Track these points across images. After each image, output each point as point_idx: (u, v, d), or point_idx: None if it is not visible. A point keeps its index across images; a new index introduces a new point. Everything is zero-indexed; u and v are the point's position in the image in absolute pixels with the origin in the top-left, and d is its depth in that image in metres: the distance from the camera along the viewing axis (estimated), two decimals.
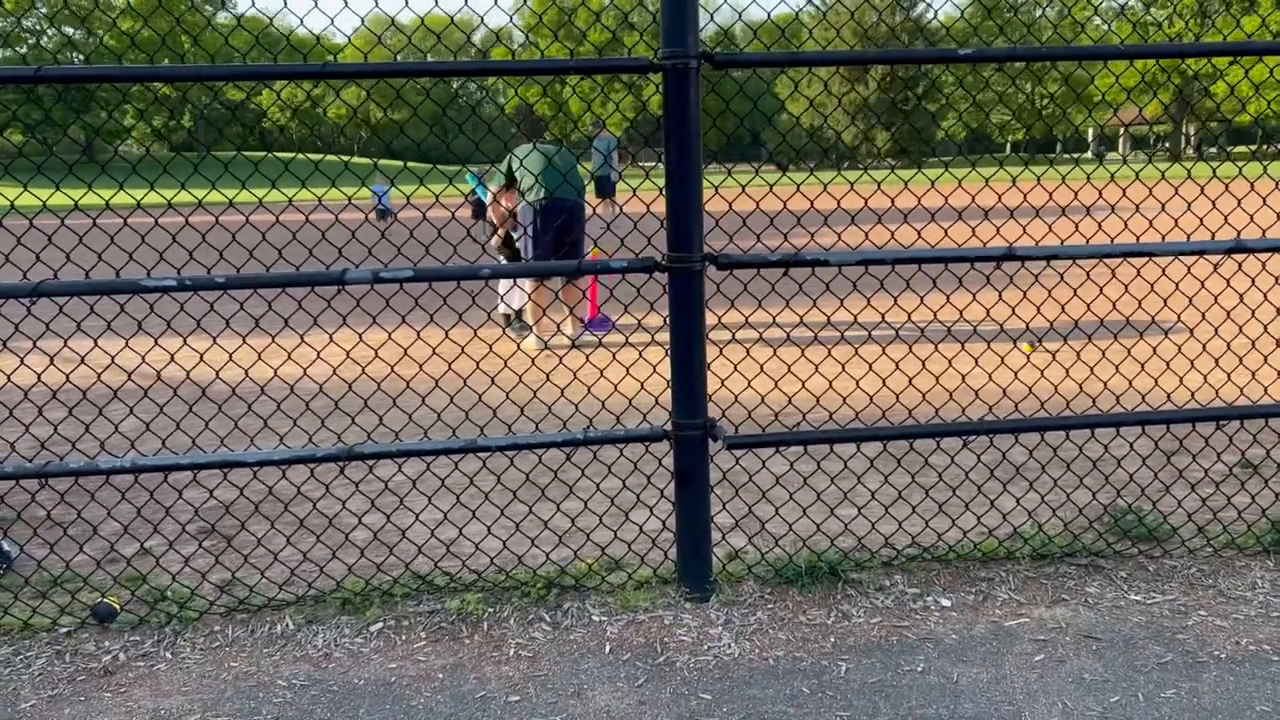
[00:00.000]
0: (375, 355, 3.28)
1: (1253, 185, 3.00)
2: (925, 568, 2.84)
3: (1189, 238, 2.96)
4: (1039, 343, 6.06)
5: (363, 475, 3.81)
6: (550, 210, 6.27)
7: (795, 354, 5.83)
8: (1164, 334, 6.32)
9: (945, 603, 2.63)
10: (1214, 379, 4.79)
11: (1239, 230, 3.22)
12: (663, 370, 2.94)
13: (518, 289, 7.01)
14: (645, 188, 2.72)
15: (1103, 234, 3.45)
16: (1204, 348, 3.51)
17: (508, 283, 7.09)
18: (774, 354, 5.72)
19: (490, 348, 3.07)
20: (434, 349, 3.25)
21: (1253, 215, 3.19)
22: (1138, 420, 2.77)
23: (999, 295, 3.68)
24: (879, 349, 5.80)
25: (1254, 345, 3.64)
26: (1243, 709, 2.10)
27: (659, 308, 2.97)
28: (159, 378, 3.24)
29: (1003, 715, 2.10)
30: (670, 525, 2.85)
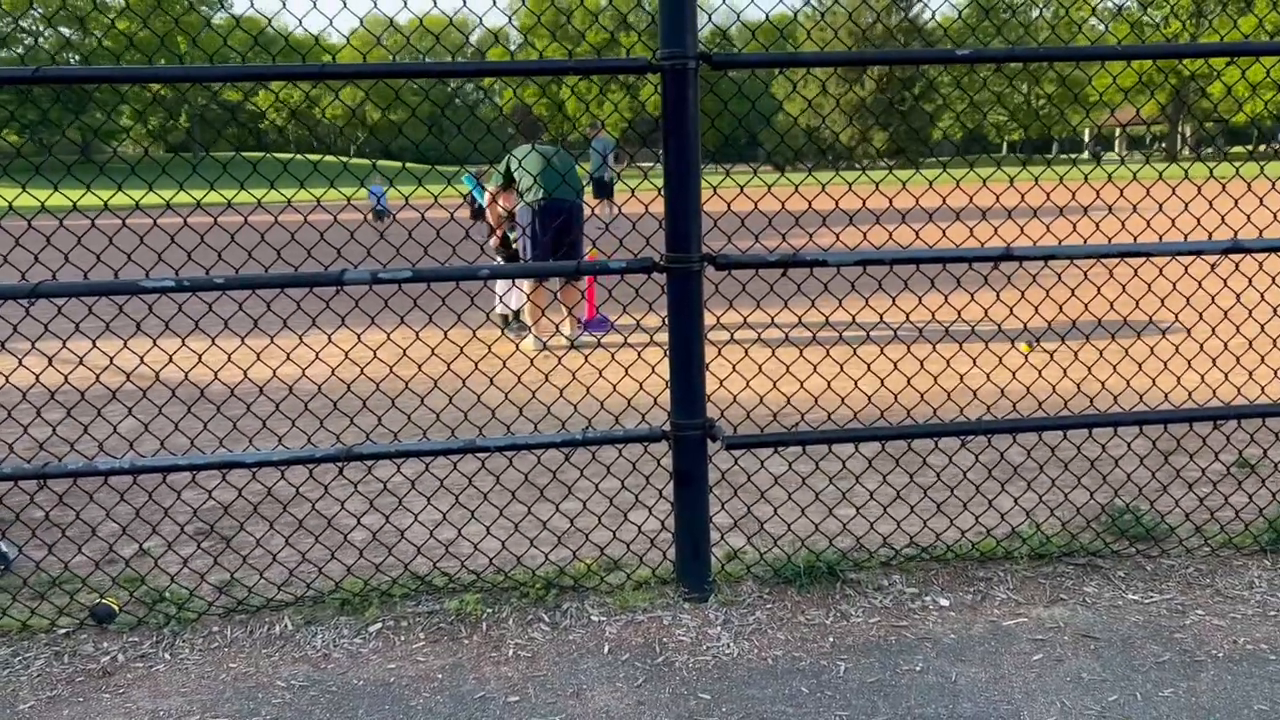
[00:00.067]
0: (374, 356, 3.28)
1: (1249, 185, 3.01)
2: (923, 567, 2.85)
3: (1186, 238, 2.97)
4: (1036, 343, 6.07)
5: (361, 476, 3.81)
6: (549, 211, 6.28)
7: (793, 354, 5.84)
8: (1161, 334, 6.33)
9: (943, 602, 2.63)
10: (1211, 379, 4.80)
11: (1236, 230, 3.23)
12: (661, 371, 2.94)
13: (516, 289, 7.01)
14: (644, 188, 2.72)
15: (1100, 234, 3.45)
16: (1201, 347, 3.52)
17: (506, 283, 7.09)
18: (772, 354, 5.73)
19: (489, 348, 3.07)
20: (433, 349, 3.25)
21: (1250, 215, 3.19)
22: (1135, 420, 2.78)
23: (996, 295, 3.69)
24: (877, 349, 5.81)
25: (1251, 345, 3.64)
26: (1240, 708, 2.11)
27: (657, 308, 2.97)
28: (157, 378, 3.23)
29: (1001, 714, 2.10)
30: (669, 525, 2.85)
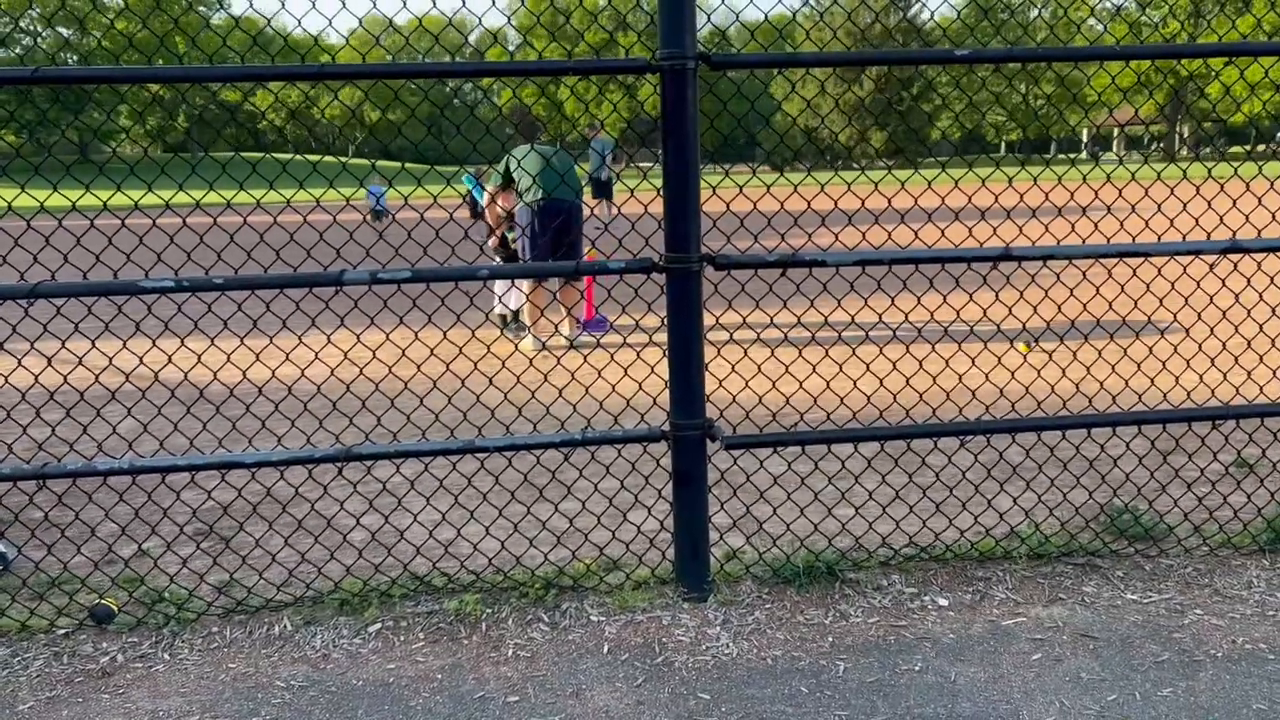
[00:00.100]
0: (373, 356, 3.28)
1: (1248, 185, 3.01)
2: (922, 567, 2.85)
3: (1185, 238, 2.97)
4: (1035, 343, 6.07)
5: (360, 476, 3.81)
6: (548, 211, 6.28)
7: (792, 354, 5.84)
8: (1160, 334, 6.34)
9: (943, 602, 2.64)
10: (1210, 378, 4.81)
11: (1234, 230, 3.23)
12: (660, 371, 2.94)
13: (515, 290, 7.01)
14: (643, 188, 2.72)
15: (1099, 234, 3.46)
16: (1199, 347, 3.52)
17: (505, 283, 7.09)
18: (771, 354, 5.73)
19: (488, 348, 3.07)
20: (432, 350, 3.25)
21: (1248, 215, 3.20)
22: (1134, 420, 2.78)
23: (995, 295, 3.69)
24: (876, 349, 5.81)
25: (1249, 345, 3.65)
26: (1239, 707, 2.11)
27: (657, 308, 2.97)
28: (156, 379, 3.23)
29: (1000, 714, 2.10)
30: (668, 525, 2.85)
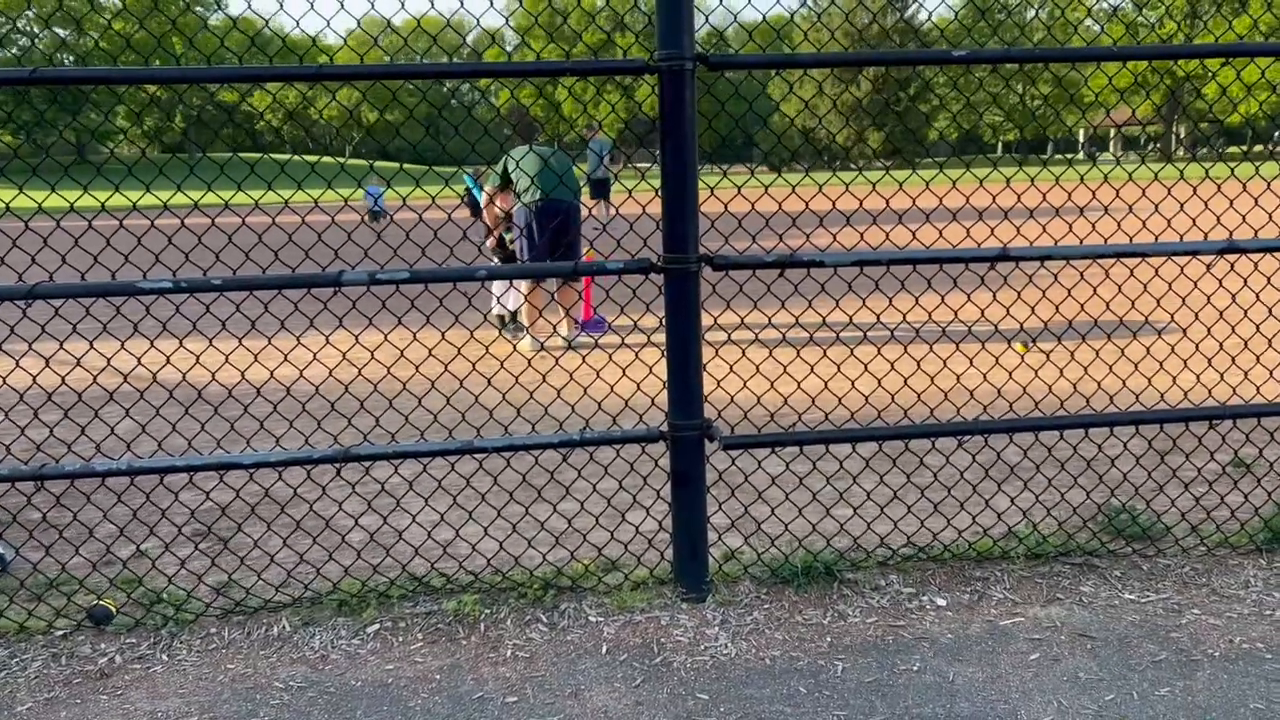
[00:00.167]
0: (371, 357, 3.28)
1: (1245, 186, 3.02)
2: (921, 567, 2.85)
3: (1182, 238, 2.98)
4: (1033, 343, 6.08)
5: (359, 477, 3.81)
6: (546, 212, 6.29)
7: (791, 354, 5.85)
8: (1157, 334, 6.35)
9: (941, 602, 2.64)
10: (1207, 378, 4.82)
11: (1231, 230, 3.24)
12: (658, 371, 2.94)
13: (513, 290, 7.01)
14: (641, 189, 2.73)
15: (1096, 234, 3.46)
16: (1197, 347, 3.53)
17: (503, 284, 7.09)
18: (770, 355, 5.74)
19: (486, 349, 3.07)
20: (430, 350, 3.25)
21: (1245, 215, 3.21)
22: (1131, 420, 2.78)
23: (993, 296, 3.70)
24: (874, 349, 5.80)
25: (1246, 345, 3.65)
26: (1236, 706, 2.11)
27: (655, 309, 2.97)
28: (155, 380, 3.23)
29: (998, 714, 2.10)
30: (666, 526, 2.85)
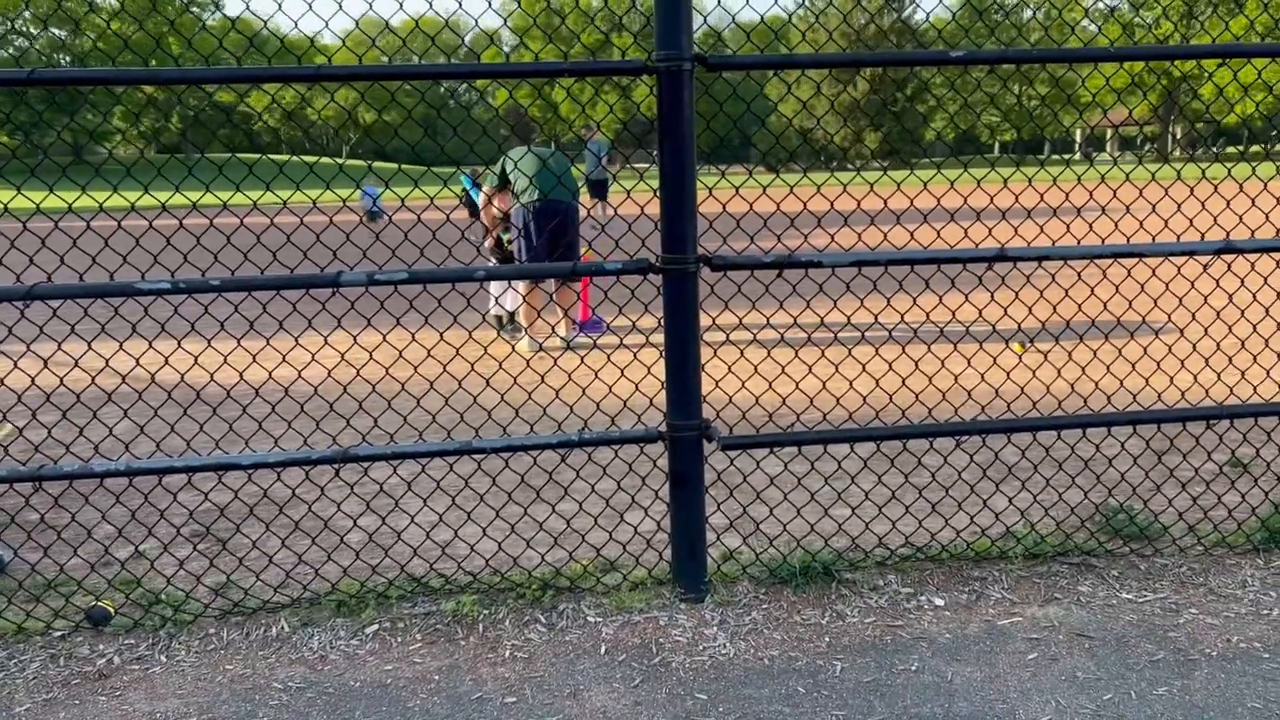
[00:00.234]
0: (370, 357, 3.28)
1: (1241, 186, 3.03)
2: (919, 567, 2.86)
3: (1179, 239, 2.98)
4: (1031, 343, 6.09)
5: (358, 477, 3.81)
6: (544, 212, 6.29)
7: (789, 355, 5.85)
8: (1154, 334, 6.36)
9: (939, 602, 2.64)
10: (1204, 379, 4.83)
11: (1228, 231, 3.25)
12: (657, 372, 2.95)
13: (512, 291, 7.01)
14: (639, 189, 2.73)
15: (1094, 235, 3.47)
16: (1194, 348, 3.54)
17: (501, 285, 7.09)
18: (768, 355, 5.74)
19: (485, 350, 3.07)
20: (429, 351, 3.26)
21: (1241, 216, 3.21)
22: (1129, 420, 2.79)
23: (991, 296, 3.70)
24: (872, 350, 5.82)
25: (1243, 345, 3.66)
26: (1234, 706, 2.12)
27: (653, 309, 2.98)
28: (153, 381, 3.23)
29: (997, 713, 2.11)
30: (665, 526, 2.85)
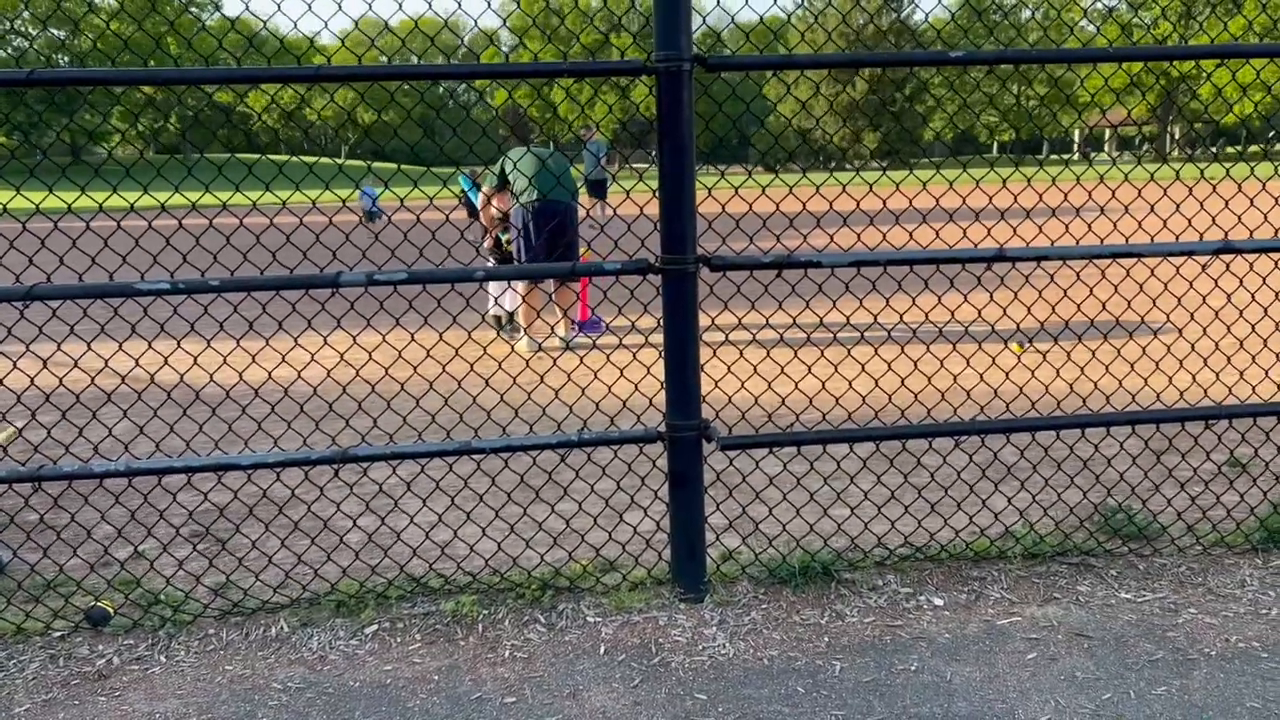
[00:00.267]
0: (369, 358, 3.28)
1: (1240, 186, 3.03)
2: (918, 567, 2.86)
3: (1177, 239, 2.99)
4: (1030, 343, 6.09)
5: (357, 478, 3.81)
6: (543, 213, 6.30)
7: (788, 355, 5.85)
8: (1153, 334, 6.36)
9: (938, 602, 2.65)
10: (1202, 379, 4.83)
11: (1226, 231, 3.25)
12: (656, 372, 2.95)
13: (511, 291, 7.01)
14: (638, 190, 2.73)
15: (1092, 235, 3.47)
16: (1192, 348, 3.54)
17: (500, 285, 7.09)
18: (767, 355, 5.73)
19: (484, 350, 3.07)
20: (428, 351, 3.26)
21: (1240, 216, 3.22)
22: (1128, 420, 2.79)
23: (990, 296, 3.70)
24: (872, 350, 5.82)
25: (1241, 345, 3.66)
26: (1233, 705, 2.12)
27: (653, 309, 2.98)
28: (152, 381, 3.23)
29: (996, 713, 2.11)
30: (664, 526, 2.86)
